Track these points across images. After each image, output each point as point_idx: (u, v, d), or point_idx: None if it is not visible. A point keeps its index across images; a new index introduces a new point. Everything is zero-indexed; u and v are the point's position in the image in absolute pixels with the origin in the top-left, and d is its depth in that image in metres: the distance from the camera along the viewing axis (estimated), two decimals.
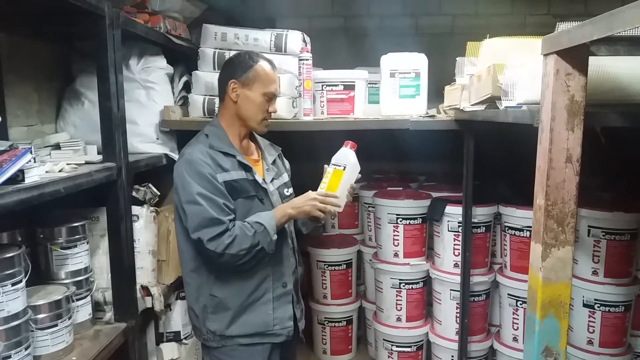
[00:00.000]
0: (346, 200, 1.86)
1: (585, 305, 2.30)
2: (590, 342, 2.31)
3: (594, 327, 2.30)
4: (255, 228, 1.69)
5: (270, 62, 1.86)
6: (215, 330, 1.80)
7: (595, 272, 2.28)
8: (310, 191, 1.80)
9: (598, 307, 2.28)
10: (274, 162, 1.96)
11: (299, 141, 2.22)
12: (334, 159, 1.87)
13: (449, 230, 2.63)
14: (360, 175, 1.90)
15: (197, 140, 1.83)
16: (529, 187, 1.26)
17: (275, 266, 1.82)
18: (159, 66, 2.32)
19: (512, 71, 1.39)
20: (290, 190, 1.99)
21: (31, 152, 1.35)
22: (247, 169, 1.80)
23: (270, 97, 1.82)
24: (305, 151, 1.89)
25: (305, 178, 2.11)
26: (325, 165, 1.88)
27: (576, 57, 1.07)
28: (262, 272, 1.79)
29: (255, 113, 1.82)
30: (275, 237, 1.71)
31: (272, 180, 1.89)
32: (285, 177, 2.00)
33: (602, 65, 1.18)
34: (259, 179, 1.81)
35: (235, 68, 1.82)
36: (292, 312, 1.87)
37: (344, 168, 1.82)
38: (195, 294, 1.83)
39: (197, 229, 1.67)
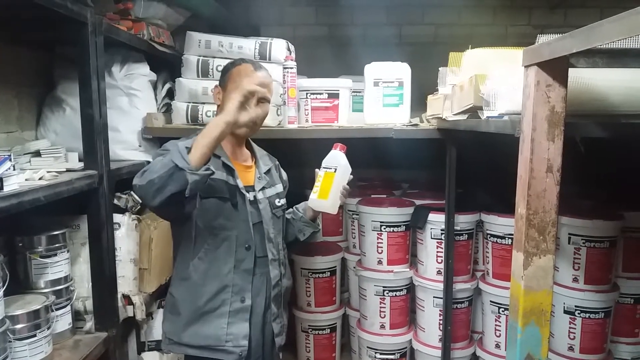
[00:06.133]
0: (340, 203, 1.86)
1: (566, 312, 2.33)
2: (571, 349, 2.34)
3: (574, 333, 2.32)
4: (170, 149, 1.55)
5: (253, 63, 1.83)
6: (167, 332, 1.79)
7: (575, 279, 2.31)
8: None
9: (578, 313, 2.30)
10: (267, 172, 1.94)
11: (283, 149, 2.22)
12: (324, 162, 1.88)
13: (432, 238, 2.65)
14: (352, 176, 1.91)
15: (189, 136, 1.82)
16: (510, 195, 1.28)
17: (236, 277, 1.76)
18: (142, 73, 2.31)
19: (494, 82, 1.40)
20: (283, 201, 1.96)
21: (10, 160, 1.33)
22: (230, 172, 1.78)
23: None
24: (290, 159, 1.91)
25: (290, 185, 2.11)
26: (317, 169, 1.89)
27: (556, 68, 1.09)
28: (221, 280, 1.74)
29: None
30: (187, 147, 1.49)
31: (262, 189, 1.87)
32: (279, 188, 1.97)
33: (581, 77, 1.20)
34: (240, 184, 1.79)
35: (221, 74, 1.85)
36: (247, 331, 1.78)
37: (334, 170, 1.83)
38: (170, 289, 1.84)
39: None
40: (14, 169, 1.36)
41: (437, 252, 2.64)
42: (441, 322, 2.59)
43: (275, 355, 1.96)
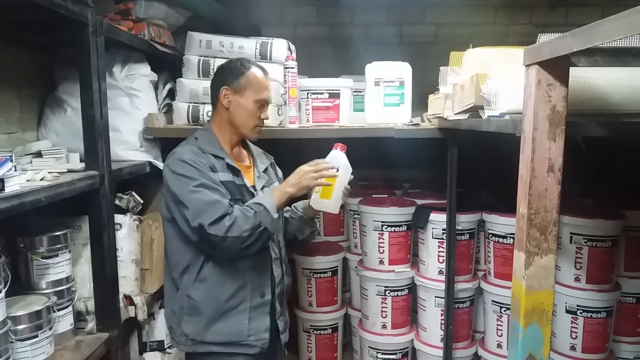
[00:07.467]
0: (341, 202, 1.88)
1: (567, 312, 2.32)
2: (573, 348, 2.33)
3: (576, 333, 2.32)
4: (254, 209, 1.67)
5: (262, 69, 1.86)
6: (189, 333, 1.79)
7: (577, 279, 2.31)
8: (301, 166, 1.79)
9: (580, 313, 2.30)
10: (265, 171, 1.96)
11: (284, 149, 2.23)
12: None
13: (433, 238, 2.64)
14: (352, 176, 1.91)
15: (187, 142, 1.84)
16: (512, 194, 1.28)
17: (253, 275, 1.79)
18: (143, 73, 2.31)
19: (495, 81, 1.40)
20: None
21: (12, 161, 1.33)
22: (235, 172, 1.79)
23: (262, 104, 1.83)
24: (291, 158, 1.91)
25: None
26: None
27: (557, 68, 1.09)
28: (239, 279, 1.77)
29: (247, 120, 1.82)
30: (276, 215, 1.68)
31: (262, 188, 1.88)
32: (276, 186, 1.97)
33: (582, 76, 1.20)
34: (247, 183, 1.81)
35: (227, 74, 1.83)
36: (268, 324, 1.83)
37: (336, 170, 1.83)
38: (176, 294, 1.82)
39: (197, 215, 1.64)
40: (16, 170, 1.36)
41: (439, 251, 2.63)
42: (443, 321, 2.59)
43: (280, 352, 1.97)
